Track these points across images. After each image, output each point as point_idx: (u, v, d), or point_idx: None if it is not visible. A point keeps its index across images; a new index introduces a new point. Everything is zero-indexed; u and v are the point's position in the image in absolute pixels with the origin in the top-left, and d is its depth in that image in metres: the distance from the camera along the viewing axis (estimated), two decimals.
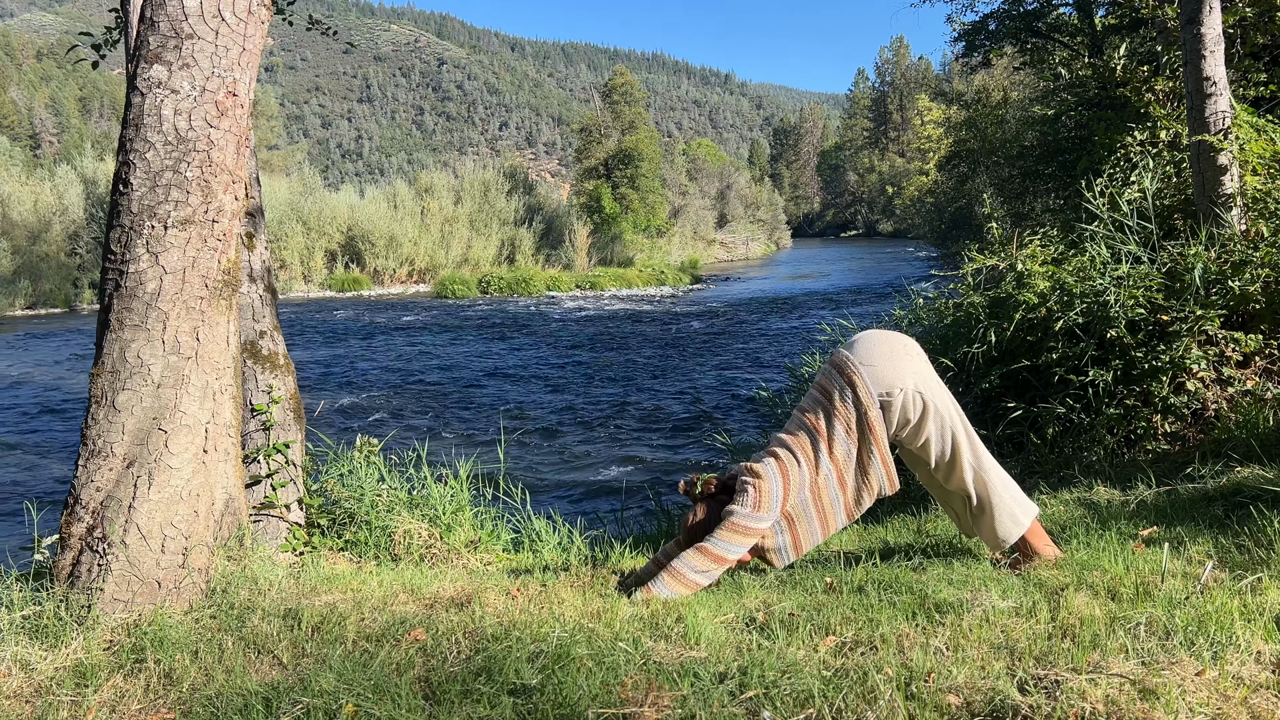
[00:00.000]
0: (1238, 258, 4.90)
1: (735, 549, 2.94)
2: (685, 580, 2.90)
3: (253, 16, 2.83)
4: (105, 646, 2.48)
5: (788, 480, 2.98)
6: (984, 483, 3.05)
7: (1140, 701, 1.87)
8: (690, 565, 2.92)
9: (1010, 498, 3.06)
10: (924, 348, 5.80)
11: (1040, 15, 16.35)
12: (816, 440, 3.01)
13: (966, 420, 3.09)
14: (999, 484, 3.06)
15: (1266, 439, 4.11)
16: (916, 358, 3.04)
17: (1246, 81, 8.04)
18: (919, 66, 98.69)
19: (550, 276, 37.43)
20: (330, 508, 4.27)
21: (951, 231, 30.75)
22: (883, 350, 3.02)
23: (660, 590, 2.87)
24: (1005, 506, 3.04)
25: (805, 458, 3.01)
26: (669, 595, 2.87)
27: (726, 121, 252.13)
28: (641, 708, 2.01)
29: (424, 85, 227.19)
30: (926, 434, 3.02)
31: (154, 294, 2.71)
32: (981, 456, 3.07)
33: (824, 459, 3.00)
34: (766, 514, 2.94)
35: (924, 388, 2.98)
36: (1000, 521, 3.04)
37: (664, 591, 2.87)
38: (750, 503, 2.93)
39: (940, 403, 3.02)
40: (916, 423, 3.01)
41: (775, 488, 2.95)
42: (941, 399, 3.03)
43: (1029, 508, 3.08)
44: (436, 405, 14.52)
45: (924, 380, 3.00)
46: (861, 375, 2.97)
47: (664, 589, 2.88)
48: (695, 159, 67.52)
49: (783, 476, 2.98)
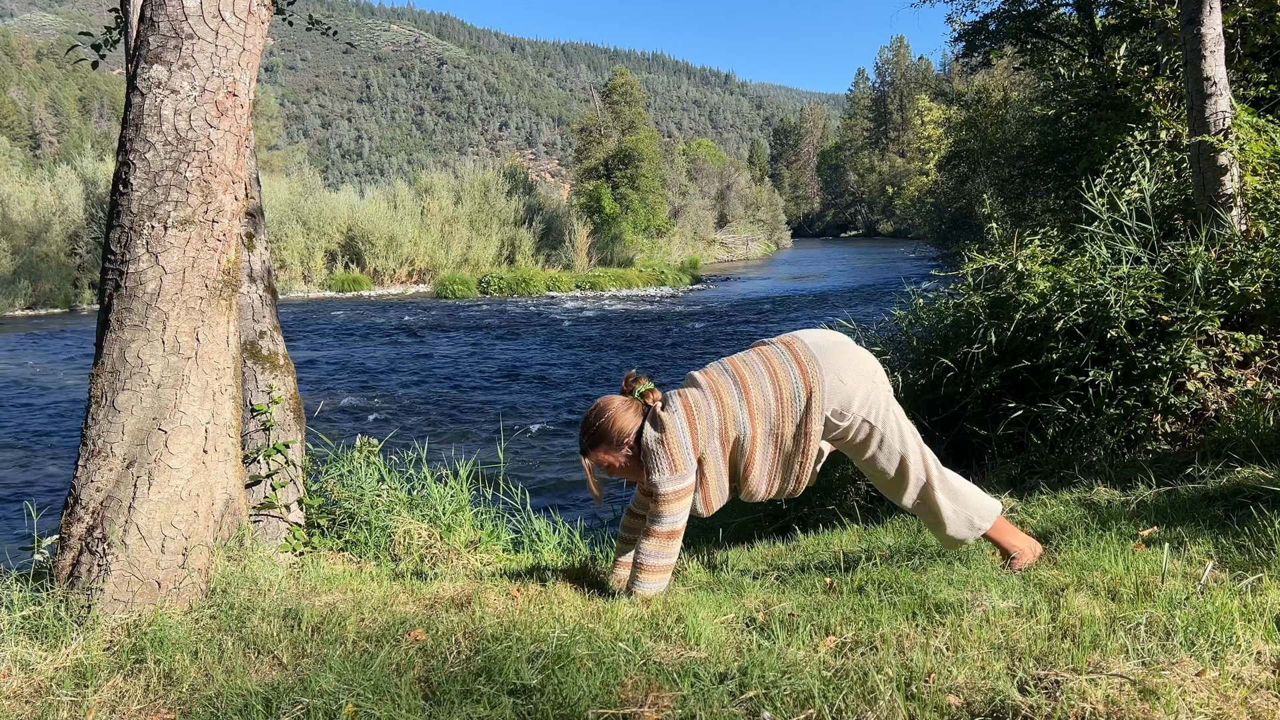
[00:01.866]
0: (1238, 258, 4.90)
1: (680, 516, 2.83)
2: (659, 568, 2.84)
3: (253, 16, 2.83)
4: (105, 647, 2.48)
5: (694, 424, 2.82)
6: (932, 500, 2.95)
7: (1140, 702, 1.87)
8: (653, 553, 2.83)
9: (965, 509, 2.96)
10: (924, 348, 5.86)
11: (1040, 15, 16.36)
12: (741, 396, 2.85)
13: (917, 440, 2.95)
14: (947, 500, 2.95)
15: (1267, 439, 4.11)
16: (876, 378, 2.90)
17: (1246, 81, 8.04)
18: (919, 66, 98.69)
19: (550, 277, 37.43)
20: (330, 508, 4.27)
21: (951, 231, 30.74)
22: (843, 360, 2.89)
23: (647, 589, 2.84)
24: (960, 517, 2.96)
25: (716, 400, 2.85)
26: (657, 589, 2.85)
27: (726, 121, 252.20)
28: (641, 708, 2.01)
29: (424, 85, 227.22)
30: (870, 455, 2.92)
31: (154, 294, 2.71)
32: (931, 474, 2.94)
33: (743, 417, 2.84)
34: (685, 468, 2.80)
35: (874, 417, 2.85)
36: (955, 529, 2.98)
37: (650, 588, 2.84)
38: (666, 467, 2.79)
39: (889, 430, 2.88)
40: (860, 444, 2.90)
41: (683, 438, 2.80)
42: (891, 426, 2.88)
43: (986, 512, 2.97)
44: (436, 405, 14.52)
45: (875, 407, 2.86)
46: (821, 385, 2.82)
47: (650, 585, 2.84)
48: (695, 159, 67.51)
49: (689, 421, 2.82)
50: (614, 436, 2.86)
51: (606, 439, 2.87)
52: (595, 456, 2.91)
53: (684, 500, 2.83)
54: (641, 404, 2.90)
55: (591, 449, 2.91)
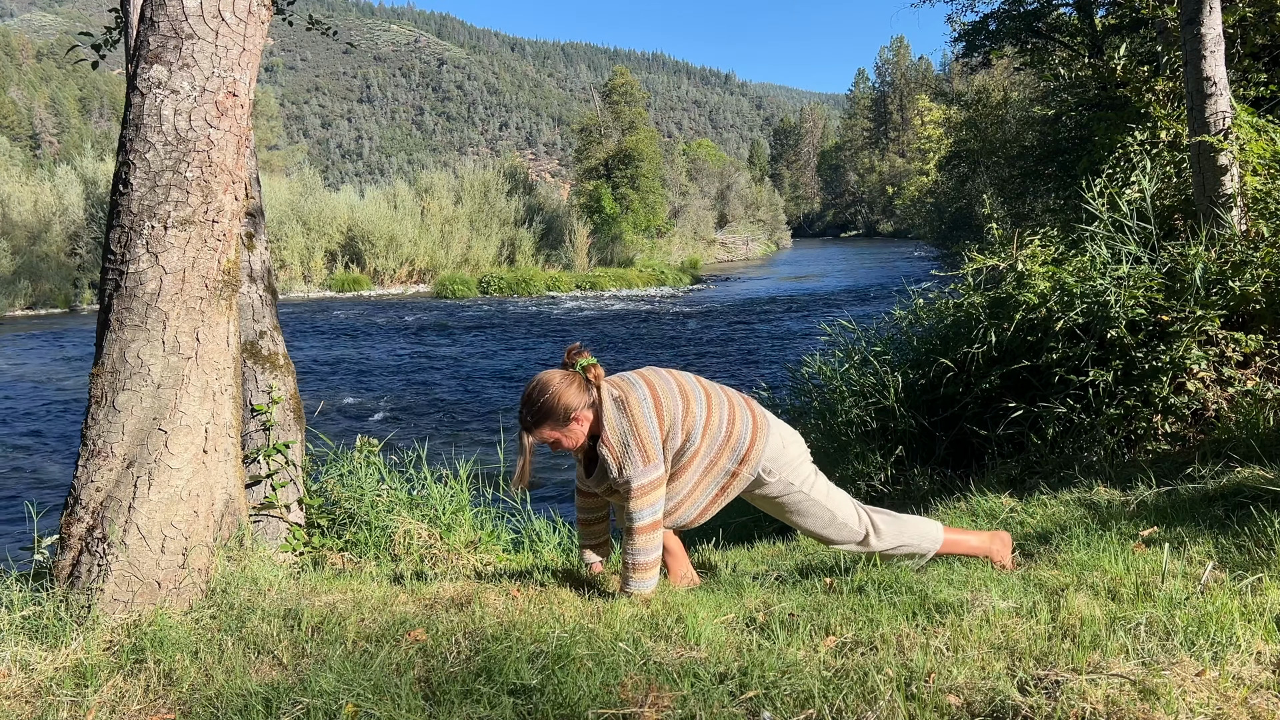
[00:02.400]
0: (1238, 258, 4.89)
1: (657, 506, 2.81)
2: (648, 564, 2.82)
3: (253, 16, 2.83)
4: (105, 647, 2.48)
5: (661, 415, 2.80)
6: (876, 550, 3.05)
7: (1140, 702, 1.87)
8: (640, 549, 2.80)
9: (908, 546, 3.04)
10: (924, 348, 5.86)
11: (1040, 15, 16.36)
12: (703, 409, 2.88)
13: (845, 508, 3.00)
14: (889, 546, 3.03)
15: (1267, 439, 4.11)
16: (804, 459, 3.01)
17: (1246, 81, 8.04)
18: (919, 66, 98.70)
19: (550, 277, 37.44)
20: (330, 508, 4.27)
21: (951, 232, 30.77)
22: (787, 436, 2.99)
23: (641, 587, 2.81)
24: (911, 550, 3.04)
25: (682, 401, 2.85)
26: (651, 585, 2.82)
27: (726, 121, 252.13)
28: (641, 708, 2.01)
29: (424, 85, 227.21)
30: (790, 515, 3.00)
31: (154, 294, 2.71)
32: (867, 535, 3.00)
33: (696, 429, 2.86)
34: (657, 457, 2.78)
35: (796, 482, 2.95)
36: (909, 559, 3.07)
37: (644, 586, 2.82)
38: (639, 459, 2.75)
39: (807, 504, 2.96)
40: (776, 500, 2.98)
41: (652, 429, 2.78)
42: (807, 500, 2.96)
43: (932, 538, 3.04)
44: (436, 405, 14.51)
45: (800, 480, 2.96)
46: (762, 441, 2.89)
47: (643, 584, 2.82)
48: (695, 159, 67.48)
49: (657, 411, 2.80)
50: (560, 413, 2.77)
51: (553, 415, 2.77)
52: (540, 434, 2.81)
53: (658, 491, 2.80)
54: (583, 378, 2.82)
55: (536, 426, 2.80)
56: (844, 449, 5.84)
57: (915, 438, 5.64)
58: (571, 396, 2.78)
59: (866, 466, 5.61)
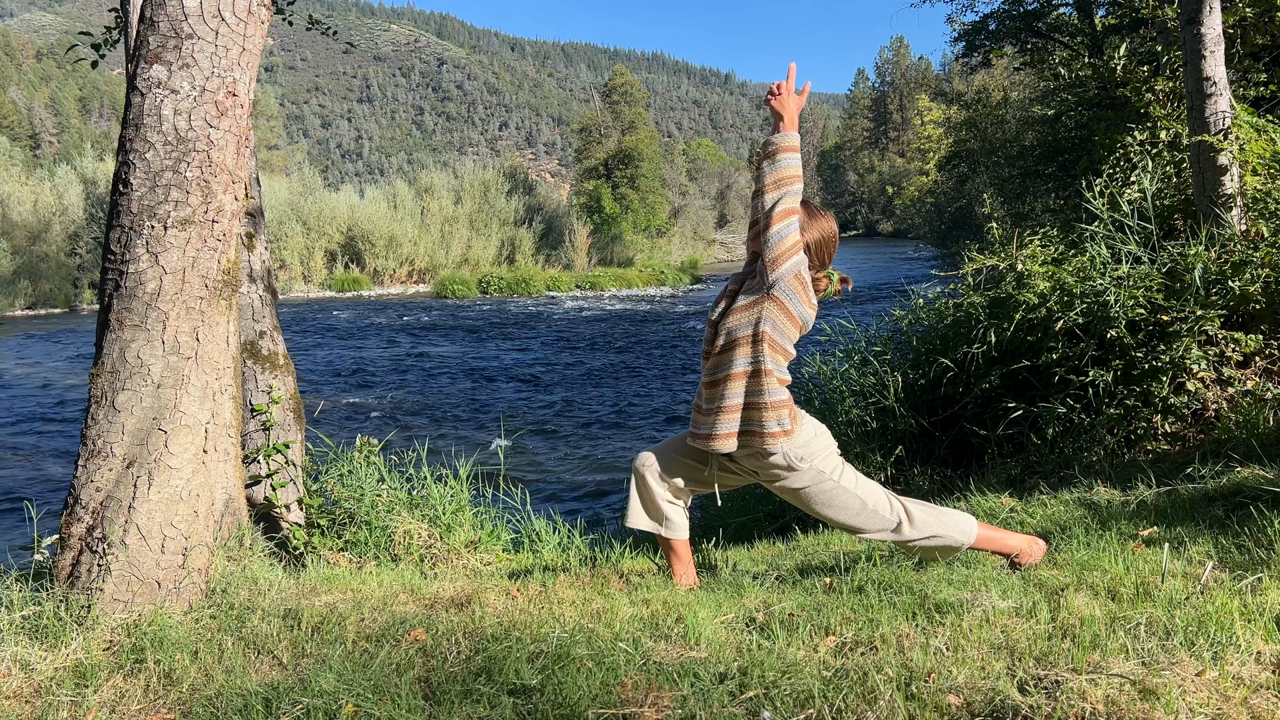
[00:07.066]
0: (1238, 258, 4.89)
1: (792, 224, 2.84)
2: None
3: (253, 16, 2.83)
4: (105, 647, 2.48)
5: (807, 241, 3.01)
6: (910, 540, 3.00)
7: (1140, 702, 1.87)
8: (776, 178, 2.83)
9: (942, 537, 2.99)
10: (924, 348, 5.86)
11: (1040, 15, 16.38)
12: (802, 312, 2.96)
13: (876, 494, 2.98)
14: (923, 535, 2.99)
15: (1266, 439, 4.11)
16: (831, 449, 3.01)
17: (1246, 81, 8.04)
18: (919, 66, 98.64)
19: (550, 277, 37.44)
20: (330, 508, 4.26)
21: (951, 231, 30.75)
22: (817, 426, 3.00)
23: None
24: (945, 543, 3.00)
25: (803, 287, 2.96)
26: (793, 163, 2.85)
27: (726, 121, 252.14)
28: (641, 708, 2.01)
29: (424, 85, 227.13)
30: (819, 507, 2.97)
31: (154, 294, 2.71)
32: (900, 523, 2.98)
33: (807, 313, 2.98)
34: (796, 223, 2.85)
35: (827, 470, 2.93)
36: (946, 553, 3.04)
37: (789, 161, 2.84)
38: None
39: (838, 497, 2.94)
40: (806, 490, 2.95)
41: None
42: (837, 489, 2.94)
43: (966, 531, 3.00)
44: (436, 405, 14.52)
45: (831, 469, 2.94)
46: (798, 426, 2.91)
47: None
48: (695, 159, 67.45)
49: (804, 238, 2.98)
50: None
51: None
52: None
53: (793, 218, 2.84)
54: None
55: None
56: (844, 449, 5.84)
57: (915, 438, 5.64)
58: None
59: (866, 466, 5.60)
